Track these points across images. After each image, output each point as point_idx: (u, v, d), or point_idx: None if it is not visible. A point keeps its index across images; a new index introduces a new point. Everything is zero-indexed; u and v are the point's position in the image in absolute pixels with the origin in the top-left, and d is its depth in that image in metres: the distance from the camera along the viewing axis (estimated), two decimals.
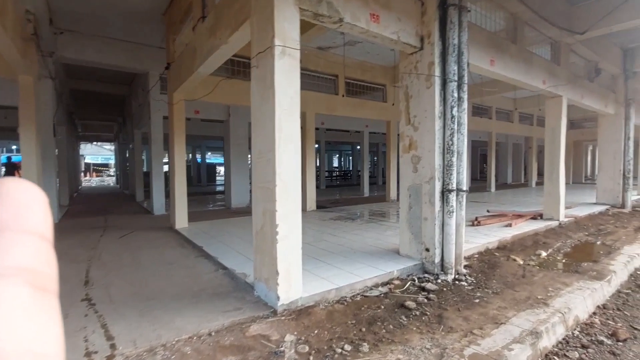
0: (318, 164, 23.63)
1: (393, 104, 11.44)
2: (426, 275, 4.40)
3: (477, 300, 3.67)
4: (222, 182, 15.23)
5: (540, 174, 29.28)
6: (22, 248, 0.23)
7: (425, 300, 3.65)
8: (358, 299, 3.70)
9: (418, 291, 3.94)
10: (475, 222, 7.16)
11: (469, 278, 4.33)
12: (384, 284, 4.08)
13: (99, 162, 44.88)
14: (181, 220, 7.39)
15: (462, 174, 4.46)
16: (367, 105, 11.13)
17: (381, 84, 11.68)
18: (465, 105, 4.43)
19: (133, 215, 9.69)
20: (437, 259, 4.42)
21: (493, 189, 16.41)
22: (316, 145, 26.66)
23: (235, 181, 11.01)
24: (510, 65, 5.93)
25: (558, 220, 7.64)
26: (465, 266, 4.80)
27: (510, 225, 7.00)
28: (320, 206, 10.91)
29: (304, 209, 9.97)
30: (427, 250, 4.50)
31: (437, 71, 4.33)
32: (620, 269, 4.73)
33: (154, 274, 4.40)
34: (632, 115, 10.24)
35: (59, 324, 0.24)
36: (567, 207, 9.59)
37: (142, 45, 8.77)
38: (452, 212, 4.36)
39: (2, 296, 0.21)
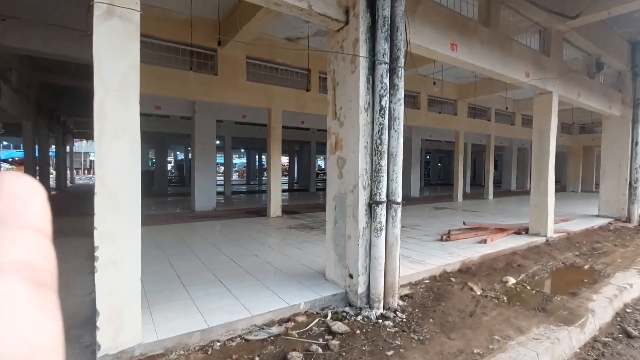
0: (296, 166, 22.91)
1: None
2: (346, 309, 3.47)
3: (390, 353, 2.73)
4: None
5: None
6: (20, 243, 0.23)
7: (320, 350, 2.73)
8: (233, 344, 2.80)
9: (322, 333, 3.01)
10: (444, 237, 6.16)
11: (400, 315, 3.38)
12: (282, 321, 3.16)
13: None
14: None
15: (395, 182, 3.51)
16: None
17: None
18: (401, 94, 3.49)
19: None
20: (362, 289, 3.48)
21: (491, 196, 15.23)
22: (293, 148, 25.79)
23: (200, 182, 10.22)
24: (479, 52, 4.95)
25: (545, 236, 6.57)
26: (404, 296, 3.84)
27: (485, 241, 5.98)
28: (290, 211, 10.03)
29: (266, 215, 9.13)
30: (351, 276, 3.57)
31: (362, 50, 3.41)
32: (602, 306, 3.71)
33: None
34: None
35: (58, 319, 0.24)
36: (562, 220, 8.48)
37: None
38: (381, 229, 3.42)
39: (0, 292, 0.21)
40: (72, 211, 9.48)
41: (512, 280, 4.41)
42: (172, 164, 32.81)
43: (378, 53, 3.39)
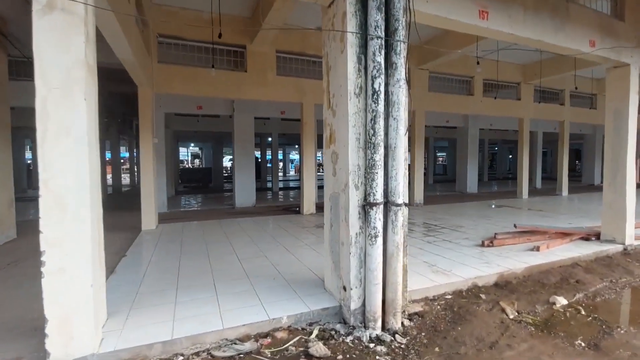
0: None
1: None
2: (337, 327, 3.02)
3: None
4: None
5: None
6: None
7: None
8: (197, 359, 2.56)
9: (299, 355, 2.63)
10: (487, 243, 5.28)
11: (399, 339, 2.83)
12: (260, 336, 2.84)
13: None
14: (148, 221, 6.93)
15: (395, 179, 2.95)
16: None
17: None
18: (401, 75, 2.91)
19: None
20: (355, 305, 3.00)
21: (565, 192, 13.15)
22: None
23: (240, 180, 10.38)
24: (521, 19, 4.03)
25: (622, 243, 5.29)
26: (414, 314, 3.27)
27: (537, 248, 4.98)
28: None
29: (300, 212, 8.89)
30: (344, 289, 3.11)
31: (350, 25, 2.89)
32: None
33: None
34: None
35: None
36: None
37: None
38: (376, 236, 2.89)
39: None
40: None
41: (562, 302, 3.52)
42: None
43: (370, 27, 2.84)
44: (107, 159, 16.51)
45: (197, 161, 39.69)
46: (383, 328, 2.99)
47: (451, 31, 8.49)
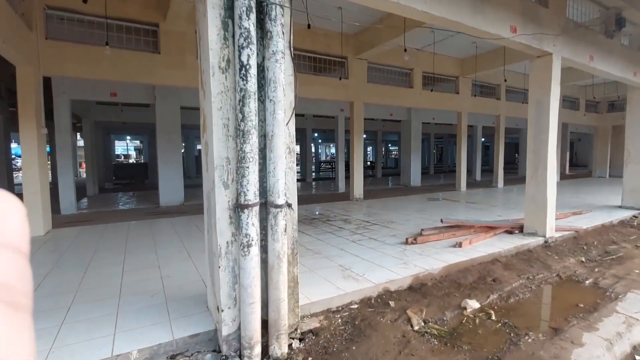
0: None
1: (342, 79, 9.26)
2: (206, 358, 2.44)
3: None
4: None
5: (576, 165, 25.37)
6: None
7: None
8: None
9: None
10: (410, 240, 4.98)
11: None
12: None
13: None
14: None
15: (274, 175, 2.40)
16: (319, 81, 8.98)
17: (342, 57, 9.47)
18: (277, 47, 2.35)
19: None
20: (229, 329, 2.44)
21: (500, 184, 13.66)
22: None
23: (165, 176, 9.37)
24: None
25: (543, 236, 5.26)
26: (308, 333, 2.77)
27: (460, 244, 4.77)
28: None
29: None
30: (218, 309, 2.52)
31: None
32: (596, 355, 2.49)
33: None
34: None
35: (31, 341, 0.23)
36: (573, 213, 7.07)
37: None
38: (249, 245, 2.33)
39: None
40: None
41: (473, 305, 3.23)
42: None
43: None
44: None
45: (141, 156, 37.00)
46: (264, 355, 2.46)
47: (386, 20, 8.21)
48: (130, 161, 33.12)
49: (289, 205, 2.52)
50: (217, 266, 2.41)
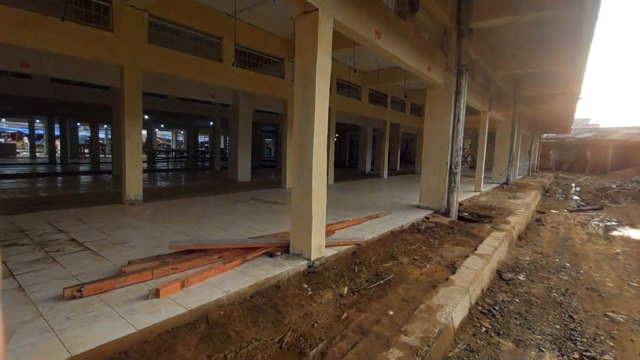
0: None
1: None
2: None
3: None
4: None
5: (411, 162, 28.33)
6: None
7: None
8: None
9: None
10: (70, 293, 2.82)
11: None
12: None
13: None
14: None
15: None
16: (65, 28, 5.94)
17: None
18: None
19: None
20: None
21: (331, 180, 13.18)
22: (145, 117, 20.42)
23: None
24: None
25: (308, 258, 3.91)
26: None
27: (157, 293, 2.86)
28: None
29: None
30: None
31: None
32: None
33: None
34: (464, 89, 7.40)
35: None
36: (369, 218, 6.25)
37: None
38: None
39: None
40: None
41: None
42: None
43: None
44: None
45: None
46: None
47: None
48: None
49: None
50: None
